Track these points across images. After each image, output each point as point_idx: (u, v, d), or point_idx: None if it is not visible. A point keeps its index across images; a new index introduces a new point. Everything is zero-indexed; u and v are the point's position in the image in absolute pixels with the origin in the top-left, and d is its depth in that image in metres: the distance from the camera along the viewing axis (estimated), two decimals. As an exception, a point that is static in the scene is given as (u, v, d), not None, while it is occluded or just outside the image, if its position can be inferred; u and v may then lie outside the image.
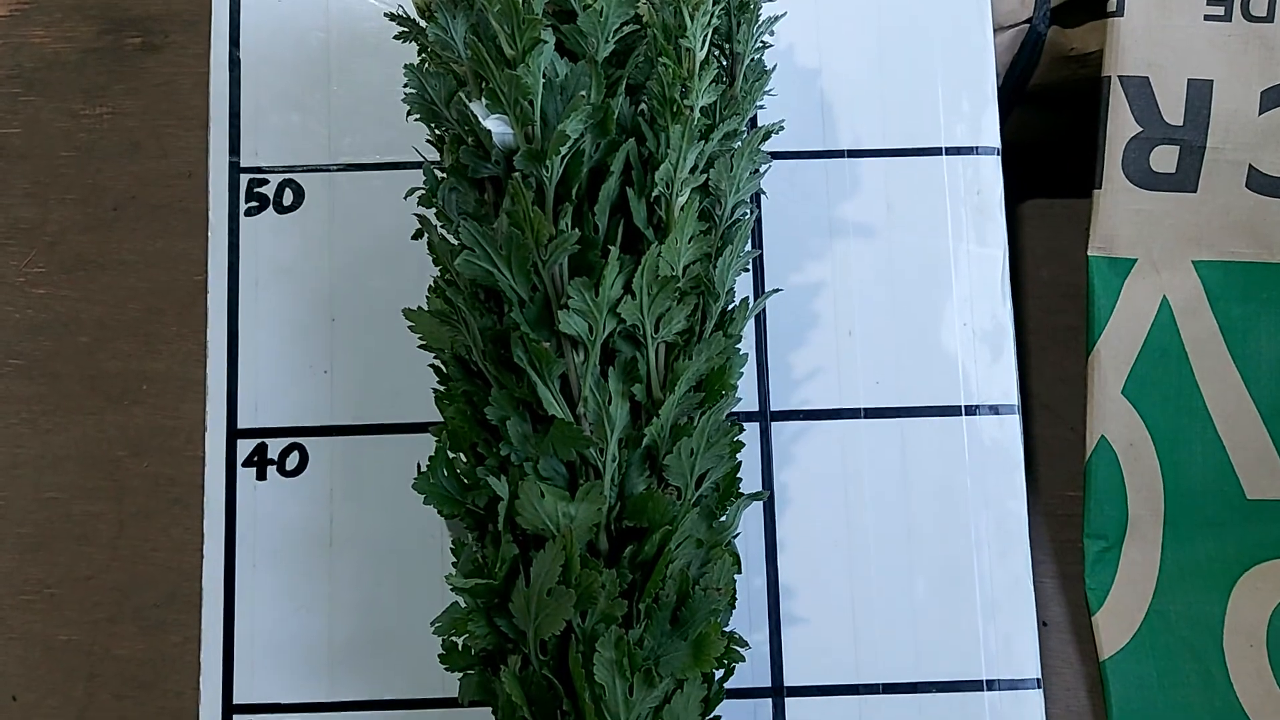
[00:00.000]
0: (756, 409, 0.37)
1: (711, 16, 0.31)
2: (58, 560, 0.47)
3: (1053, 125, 0.50)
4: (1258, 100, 0.45)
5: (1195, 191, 0.45)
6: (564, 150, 0.30)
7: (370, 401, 0.37)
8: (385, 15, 0.34)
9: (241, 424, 0.37)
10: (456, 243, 0.31)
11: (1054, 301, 0.50)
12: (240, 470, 0.37)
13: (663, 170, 0.30)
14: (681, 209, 0.31)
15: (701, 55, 0.31)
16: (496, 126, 0.30)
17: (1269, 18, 0.44)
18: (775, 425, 0.37)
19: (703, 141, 0.31)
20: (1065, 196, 0.51)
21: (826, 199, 0.39)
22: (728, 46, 0.33)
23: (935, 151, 0.39)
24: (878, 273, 0.38)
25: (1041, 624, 0.45)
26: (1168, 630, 0.43)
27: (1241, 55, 0.44)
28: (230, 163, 0.39)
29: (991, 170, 0.39)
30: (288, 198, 0.39)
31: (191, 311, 0.51)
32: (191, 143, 0.54)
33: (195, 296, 0.52)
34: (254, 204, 0.39)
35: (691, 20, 0.31)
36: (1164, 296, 0.45)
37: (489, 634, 0.30)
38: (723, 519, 0.32)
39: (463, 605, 0.31)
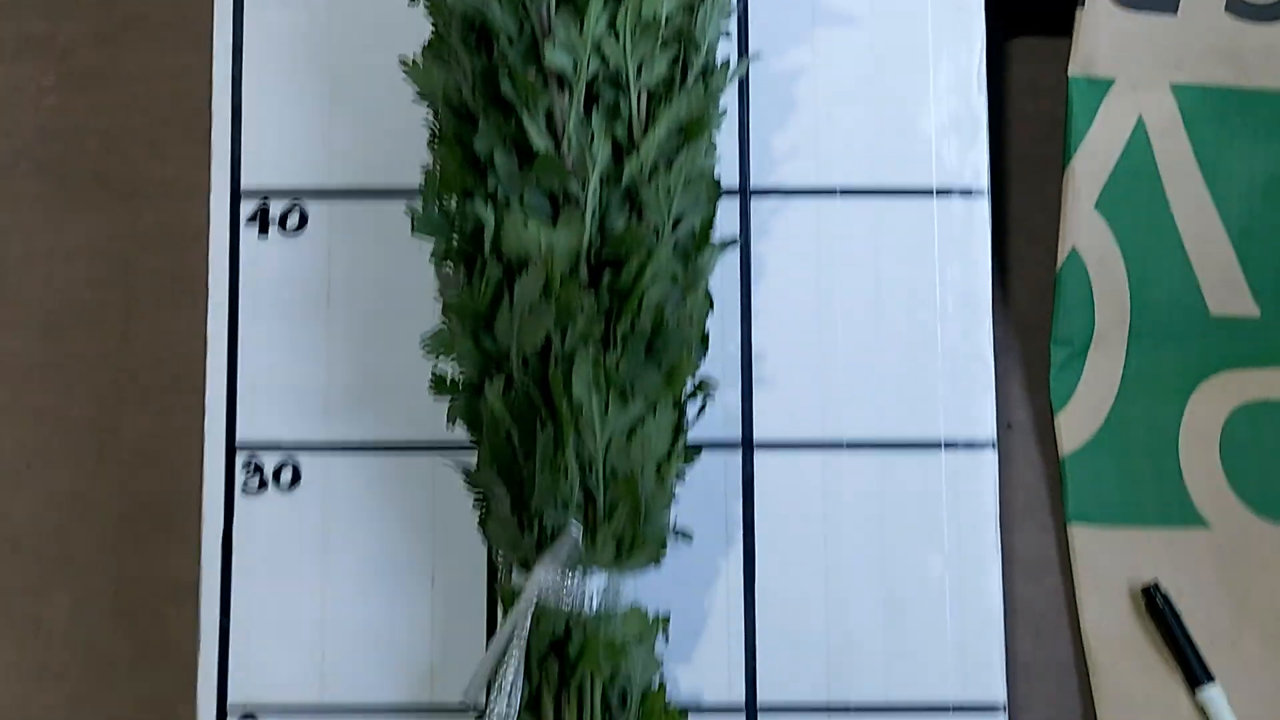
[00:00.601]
0: (738, 185, 0.39)
1: None
2: (69, 344, 0.49)
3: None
4: (1241, -82, 0.45)
5: (1175, 14, 0.46)
6: (554, -112, 0.31)
7: (367, 165, 0.39)
8: None
9: (246, 185, 0.39)
10: (452, -17, 0.32)
11: (1039, 130, 0.51)
12: (244, 228, 0.39)
13: None
14: None
15: None
16: None
17: None
18: (755, 199, 0.39)
19: None
20: (1053, 35, 0.52)
21: None
22: None
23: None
24: (859, 60, 0.40)
25: (1007, 425, 0.47)
26: (1126, 431, 0.46)
27: None
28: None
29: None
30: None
31: (197, 121, 0.53)
32: (198, -39, 0.55)
33: (201, 107, 0.54)
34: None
35: None
36: (1140, 116, 0.46)
37: (474, 353, 0.32)
38: (697, 263, 0.34)
39: (450, 329, 0.33)
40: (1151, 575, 0.44)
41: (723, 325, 0.38)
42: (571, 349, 0.31)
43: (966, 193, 0.39)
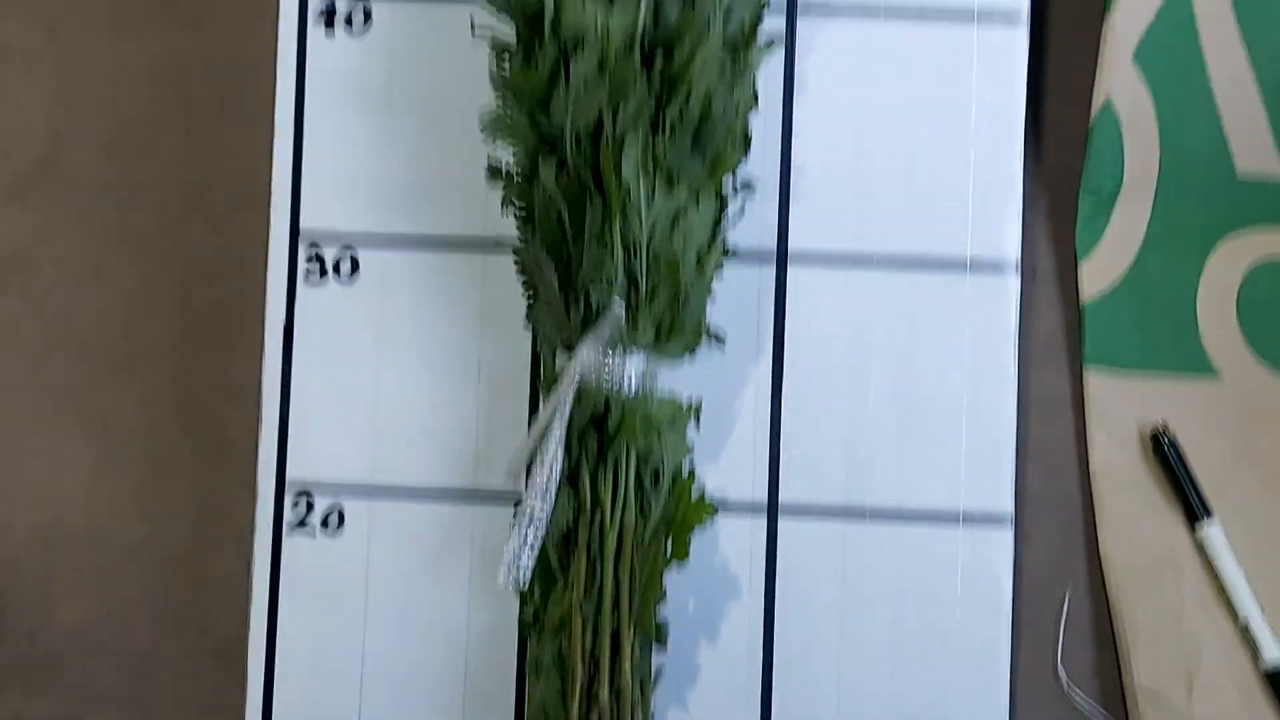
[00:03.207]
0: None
1: None
2: (132, 160, 0.51)
3: None
4: None
5: None
6: None
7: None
8: None
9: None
10: None
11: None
12: (310, 30, 0.41)
13: None
14: None
15: None
16: None
17: None
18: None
19: None
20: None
21: None
22: None
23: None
24: None
25: (1031, 272, 0.48)
26: (1147, 282, 0.47)
27: None
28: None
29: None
30: None
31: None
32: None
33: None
34: None
35: None
36: (1181, -31, 0.47)
37: (530, 133, 0.34)
38: (746, 56, 0.35)
39: (508, 109, 0.34)
40: (1161, 420, 0.46)
41: (764, 139, 0.40)
42: (623, 131, 0.33)
43: (1008, 20, 0.40)
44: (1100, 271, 0.47)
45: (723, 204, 0.35)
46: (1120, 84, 0.47)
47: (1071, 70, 0.50)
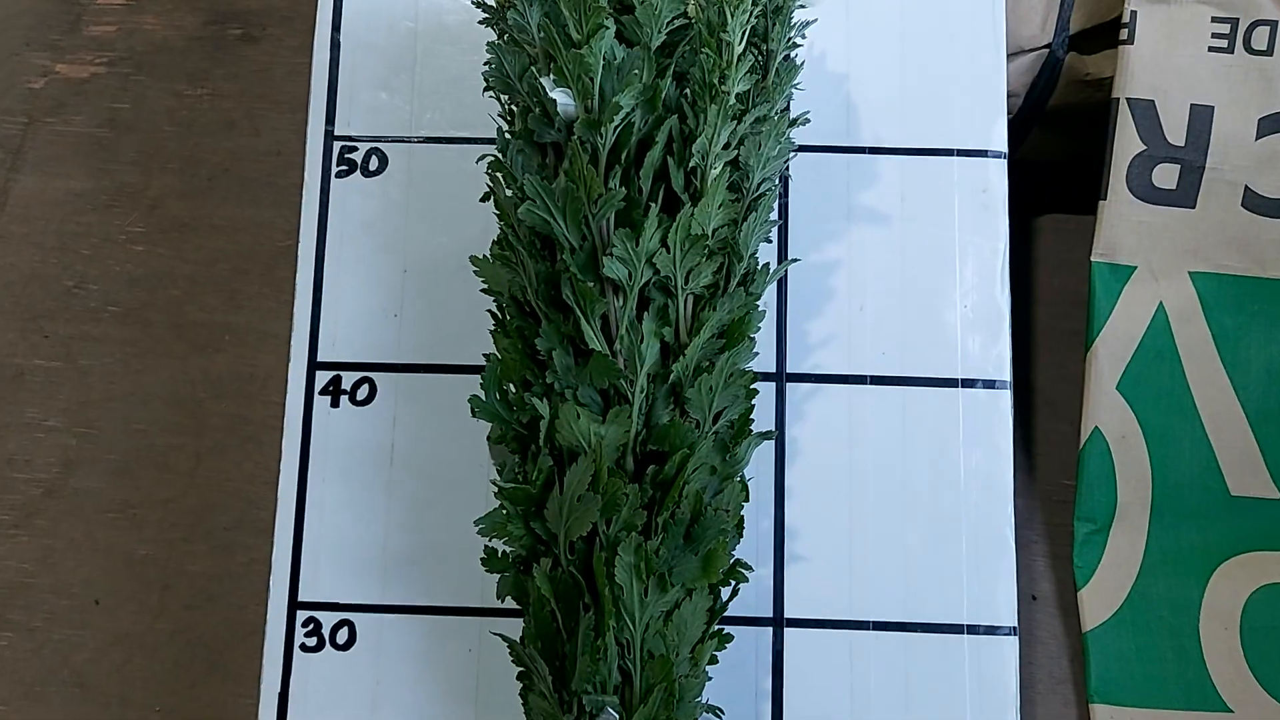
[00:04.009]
0: (774, 370, 0.42)
1: (750, 15, 0.36)
2: (140, 485, 0.52)
3: (1068, 145, 0.54)
4: (1255, 127, 0.48)
5: (1194, 207, 0.49)
6: (617, 121, 0.35)
7: (434, 343, 0.42)
8: (472, 2, 0.39)
9: (321, 358, 0.42)
10: (520, 197, 0.36)
11: (1062, 308, 0.54)
12: (317, 398, 0.42)
13: (699, 144, 0.35)
14: (713, 179, 0.36)
15: (739, 49, 0.36)
16: (561, 98, 0.35)
17: (1269, 51, 0.48)
18: (790, 385, 0.42)
19: (735, 122, 0.36)
20: (1078, 212, 0.55)
21: (847, 189, 0.43)
22: (763, 45, 0.38)
23: (948, 152, 0.44)
24: (890, 257, 0.43)
25: (1031, 598, 0.48)
26: (1148, 609, 0.47)
27: (1241, 84, 0.48)
28: (326, 132, 0.44)
29: (998, 172, 0.43)
30: (373, 164, 0.44)
31: (273, 273, 0.57)
32: (281, 124, 0.60)
33: (277, 259, 0.58)
34: (344, 168, 0.44)
35: (732, 18, 0.36)
36: (1160, 303, 0.49)
37: (525, 536, 0.35)
38: (735, 453, 0.36)
39: (504, 512, 0.35)
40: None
41: (757, 504, 0.40)
42: (615, 537, 0.34)
43: (989, 384, 0.42)
44: (1100, 599, 0.47)
45: (716, 594, 0.36)
46: (1107, 414, 0.48)
47: (1057, 385, 0.52)
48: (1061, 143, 0.54)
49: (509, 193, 0.37)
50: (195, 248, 0.57)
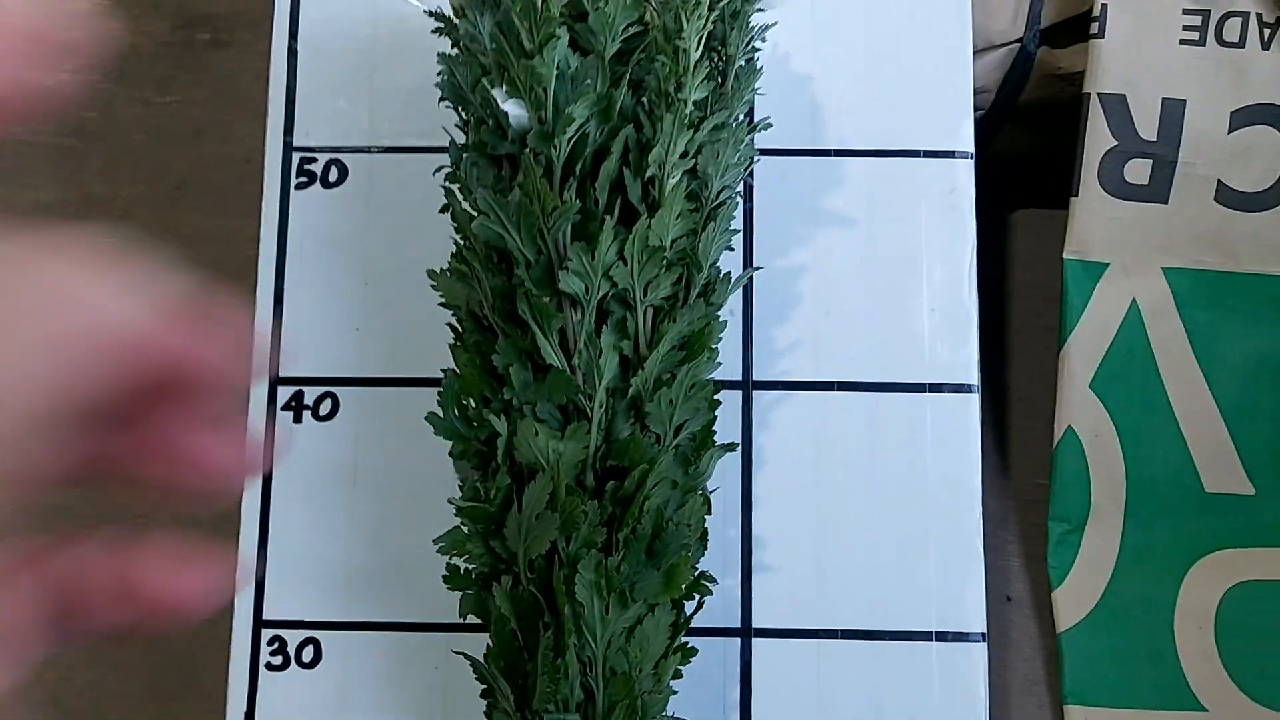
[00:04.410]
0: (740, 378, 0.41)
1: (706, 21, 0.35)
2: (105, 498, 0.52)
3: (1040, 140, 0.54)
4: (1227, 120, 0.48)
5: (1166, 203, 0.48)
6: (571, 132, 0.34)
7: (396, 356, 0.42)
8: (425, 12, 0.38)
9: (283, 372, 0.42)
10: (475, 211, 0.35)
11: (1036, 304, 0.53)
12: (279, 413, 0.42)
13: (655, 153, 0.35)
14: (671, 189, 0.35)
15: (696, 55, 0.36)
16: (514, 110, 0.34)
17: (1240, 43, 0.48)
18: (756, 393, 0.41)
19: (693, 130, 0.35)
20: (1051, 207, 0.54)
21: (812, 192, 0.43)
22: (721, 50, 0.38)
23: (914, 154, 0.43)
24: (856, 261, 0.42)
25: (1005, 598, 0.48)
26: (1122, 609, 0.47)
27: (1213, 77, 0.48)
28: (285, 143, 0.44)
29: (965, 173, 0.43)
30: (333, 175, 0.43)
31: (244, 282, 0.56)
32: (251, 131, 0.59)
33: (248, 268, 0.57)
34: (303, 179, 0.44)
35: (688, 23, 0.35)
36: (1133, 299, 0.48)
37: (485, 555, 0.34)
38: (697, 466, 0.36)
39: (464, 530, 0.35)
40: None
41: (724, 513, 0.40)
42: (575, 554, 0.33)
43: (956, 388, 0.41)
44: (1074, 600, 0.47)
45: (680, 608, 0.35)
46: (1080, 412, 0.48)
47: (1032, 382, 0.52)
48: (1034, 138, 0.54)
49: (465, 205, 0.37)
50: (164, 258, 0.57)
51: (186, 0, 0.61)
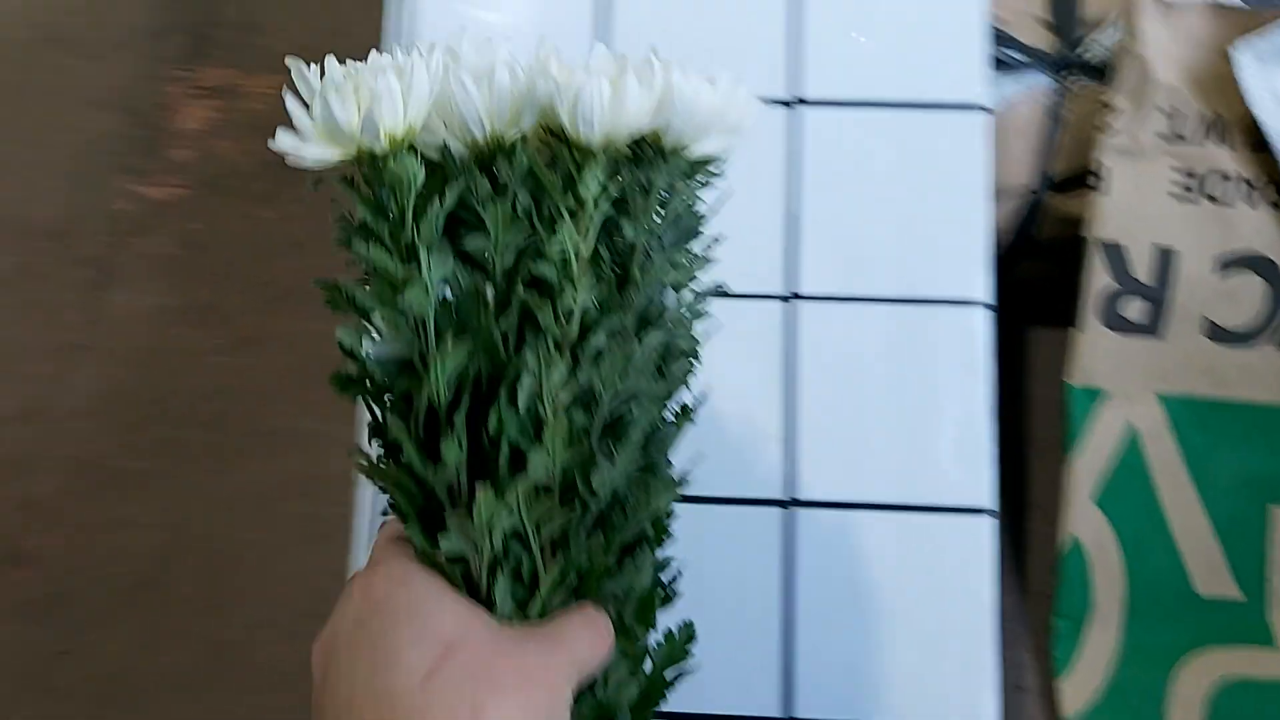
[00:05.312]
0: (784, 496, 0.47)
1: (594, 215, 0.32)
2: (225, 578, 0.58)
3: (1055, 269, 0.60)
4: (1216, 266, 0.53)
5: (1162, 338, 0.54)
6: (450, 372, 0.32)
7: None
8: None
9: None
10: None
11: (1051, 416, 0.58)
12: (379, 497, 0.47)
13: (527, 384, 0.32)
14: (549, 424, 0.32)
15: (587, 252, 0.32)
16: (379, 352, 0.33)
17: (1229, 203, 0.54)
18: (800, 510, 0.47)
19: (572, 355, 0.32)
20: (1064, 326, 0.60)
21: (847, 335, 0.49)
22: (619, 239, 0.33)
23: (936, 302, 0.49)
24: (886, 396, 0.48)
25: (1017, 687, 0.53)
26: (1122, 700, 0.51)
27: (1203, 229, 0.53)
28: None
29: (982, 321, 0.49)
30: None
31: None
32: (347, 244, 0.65)
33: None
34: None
35: (559, 222, 0.32)
36: (1132, 423, 0.53)
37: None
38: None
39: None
40: None
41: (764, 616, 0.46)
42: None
43: (976, 511, 0.47)
44: (1078, 691, 0.52)
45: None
46: (1084, 524, 0.53)
47: (1046, 491, 0.57)
48: (1048, 268, 0.60)
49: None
50: (266, 360, 0.63)
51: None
